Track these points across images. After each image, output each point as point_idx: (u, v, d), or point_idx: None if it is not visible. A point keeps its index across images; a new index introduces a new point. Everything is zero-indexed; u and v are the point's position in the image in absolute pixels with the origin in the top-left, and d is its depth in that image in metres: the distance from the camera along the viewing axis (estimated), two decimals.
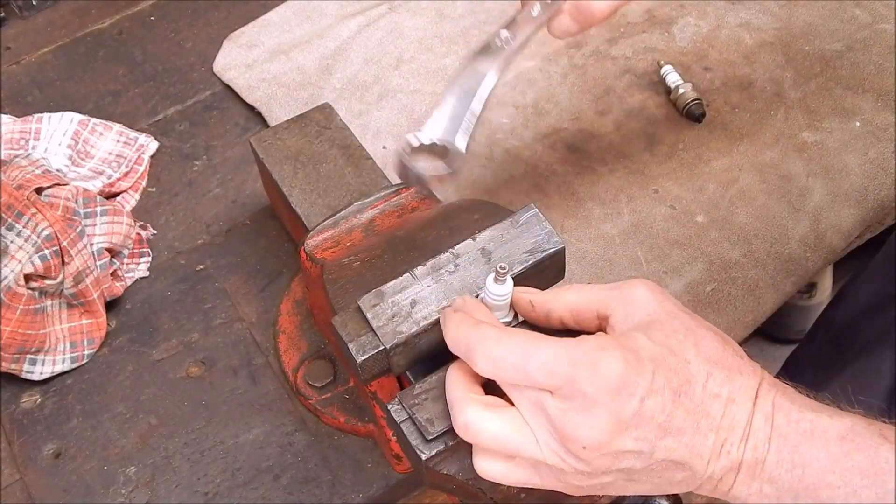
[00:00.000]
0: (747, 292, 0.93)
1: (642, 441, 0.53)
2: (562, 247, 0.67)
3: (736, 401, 0.54)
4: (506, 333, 0.56)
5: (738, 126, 1.05)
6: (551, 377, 0.53)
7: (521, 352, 0.54)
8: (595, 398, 0.52)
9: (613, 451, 0.53)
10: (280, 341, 0.90)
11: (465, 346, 0.57)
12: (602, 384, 0.52)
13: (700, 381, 0.54)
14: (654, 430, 0.53)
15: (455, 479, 0.61)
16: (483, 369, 0.56)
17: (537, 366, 0.53)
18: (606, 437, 0.52)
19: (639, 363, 0.53)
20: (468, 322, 0.58)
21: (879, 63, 1.09)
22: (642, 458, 0.54)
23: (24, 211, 0.85)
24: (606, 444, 0.53)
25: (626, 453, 0.53)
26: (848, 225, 0.97)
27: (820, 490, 0.54)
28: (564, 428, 0.53)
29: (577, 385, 0.52)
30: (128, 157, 1.03)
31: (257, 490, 0.83)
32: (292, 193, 0.86)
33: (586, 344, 0.54)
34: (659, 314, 0.57)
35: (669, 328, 0.56)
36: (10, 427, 0.87)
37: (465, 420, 0.56)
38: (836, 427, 0.54)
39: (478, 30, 1.14)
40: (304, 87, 1.10)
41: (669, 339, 0.55)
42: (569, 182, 1.01)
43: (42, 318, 0.87)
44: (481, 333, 0.56)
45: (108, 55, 1.15)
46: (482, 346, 0.55)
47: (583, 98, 1.08)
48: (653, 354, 0.54)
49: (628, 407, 0.52)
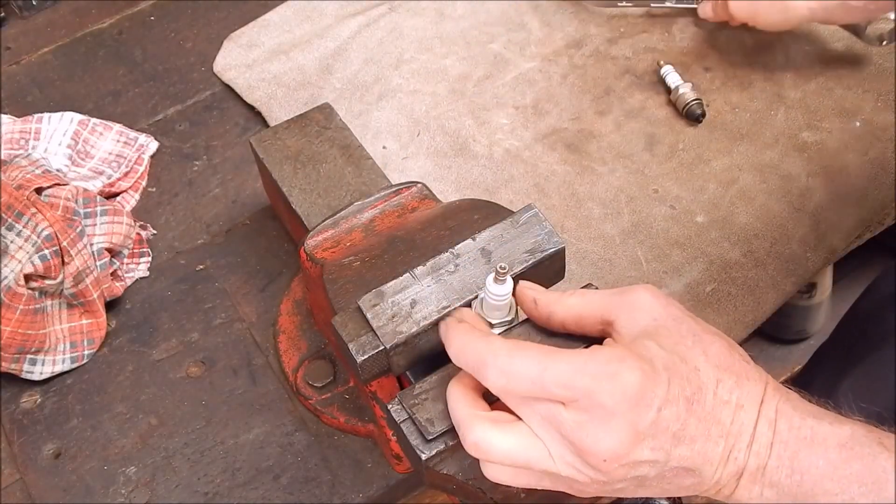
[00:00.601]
0: (747, 292, 0.93)
1: (658, 451, 0.53)
2: (562, 247, 0.67)
3: (744, 407, 0.55)
4: (518, 347, 0.55)
5: (738, 126, 1.05)
6: (569, 389, 0.53)
7: (538, 365, 0.53)
8: (614, 410, 0.52)
9: (631, 462, 0.53)
10: (280, 341, 0.90)
11: (473, 360, 0.56)
12: (621, 396, 0.52)
13: (710, 388, 0.54)
14: (669, 439, 0.53)
15: (455, 479, 0.61)
16: (495, 383, 0.55)
17: (554, 378, 0.53)
18: (625, 449, 0.52)
19: (655, 373, 0.53)
20: (475, 334, 0.57)
21: (879, 63, 1.09)
22: (657, 466, 0.54)
23: (24, 211, 0.85)
24: (625, 455, 0.53)
25: (642, 463, 0.53)
26: (848, 225, 0.97)
27: (818, 496, 0.54)
28: (583, 441, 0.53)
29: (595, 397, 0.52)
30: (128, 157, 1.03)
31: (257, 490, 0.83)
32: (292, 193, 0.86)
33: (602, 355, 0.54)
34: (665, 319, 0.57)
35: (677, 334, 0.56)
36: (10, 427, 0.87)
37: (474, 439, 0.55)
38: (836, 434, 0.54)
39: (478, 30, 1.15)
40: (304, 87, 1.10)
41: (679, 346, 0.55)
42: (569, 182, 1.01)
43: (42, 318, 0.87)
44: (492, 346, 0.55)
45: (108, 55, 1.15)
46: (495, 360, 0.55)
47: (583, 98, 1.08)
48: (666, 363, 0.54)
49: (646, 417, 0.52)
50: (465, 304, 0.64)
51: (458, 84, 1.10)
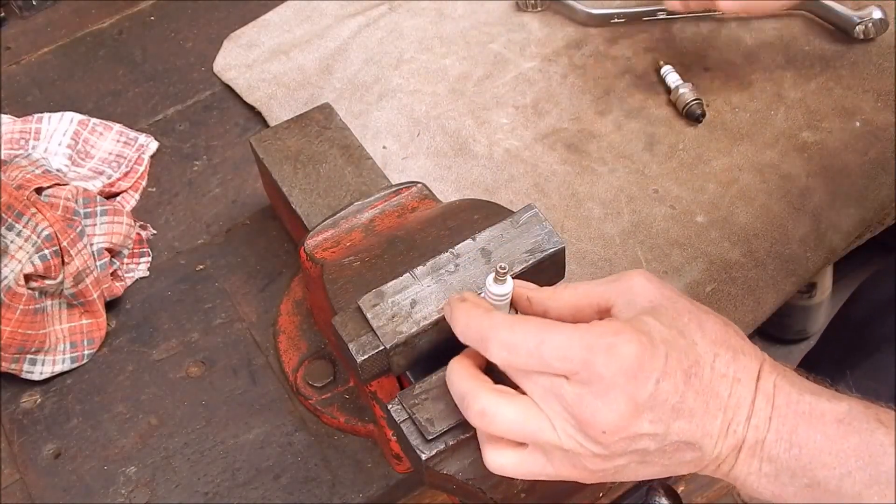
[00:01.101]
0: (747, 292, 0.93)
1: (657, 423, 0.54)
2: (562, 247, 0.67)
3: (741, 381, 0.55)
4: (519, 320, 0.56)
5: (738, 126, 1.05)
6: (567, 362, 0.53)
7: (535, 337, 0.54)
8: (612, 381, 0.53)
9: (631, 435, 0.54)
10: (280, 341, 0.90)
11: (477, 334, 0.57)
12: (618, 367, 0.53)
13: (708, 361, 0.55)
14: (668, 411, 0.54)
15: (455, 479, 0.61)
16: (497, 356, 0.56)
17: (552, 350, 0.54)
18: (624, 421, 0.53)
19: (652, 346, 0.54)
20: (479, 310, 0.58)
21: (879, 63, 1.09)
22: (657, 439, 0.54)
23: (24, 211, 0.85)
24: (624, 428, 0.53)
25: (642, 436, 0.54)
26: (848, 225, 0.97)
27: (815, 470, 0.55)
28: (582, 413, 0.53)
29: (593, 369, 0.53)
30: (128, 157, 1.03)
31: (257, 490, 0.83)
32: (292, 193, 0.86)
33: (600, 328, 0.54)
34: (660, 300, 0.57)
35: (674, 311, 0.56)
36: (10, 427, 0.87)
37: (480, 407, 0.56)
38: (834, 410, 0.55)
39: (478, 30, 1.14)
40: (304, 87, 1.10)
41: (676, 322, 0.56)
42: (569, 182, 1.01)
43: (42, 318, 0.87)
44: (494, 321, 0.56)
45: (108, 55, 1.15)
46: (496, 333, 0.55)
47: (583, 98, 1.08)
48: (664, 336, 0.54)
49: (644, 390, 0.53)
50: None
51: (458, 84, 1.10)
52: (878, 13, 1.08)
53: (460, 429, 0.60)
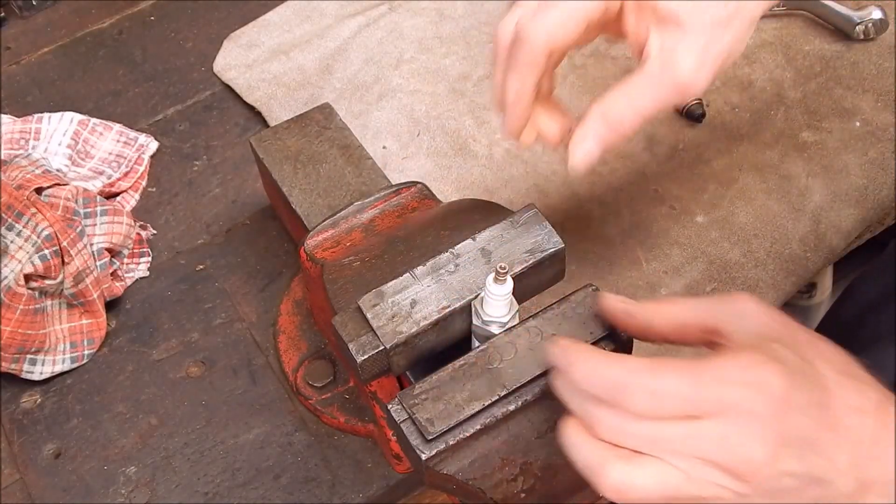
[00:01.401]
0: (747, 292, 0.93)
1: (800, 459, 0.51)
2: (562, 247, 0.67)
3: (868, 412, 0.53)
4: (657, 364, 0.52)
5: (738, 126, 1.05)
6: (719, 403, 0.50)
7: (689, 379, 0.51)
8: (762, 416, 0.50)
9: (776, 472, 0.51)
10: (280, 341, 0.90)
11: (612, 384, 0.52)
12: (769, 401, 0.50)
13: (836, 392, 0.53)
14: (806, 447, 0.51)
15: (455, 479, 0.61)
16: (640, 406, 0.51)
17: (707, 391, 0.50)
18: (772, 457, 0.50)
19: (792, 377, 0.51)
20: (604, 355, 0.54)
21: (879, 63, 1.09)
22: (796, 476, 0.51)
23: (24, 211, 0.85)
24: (772, 464, 0.50)
25: (785, 473, 0.51)
26: (848, 225, 0.97)
27: None
28: (729, 452, 0.50)
29: (744, 405, 0.50)
30: (128, 157, 1.04)
31: (257, 490, 0.83)
32: (292, 193, 0.86)
33: (739, 360, 0.52)
34: (775, 326, 0.55)
35: (793, 339, 0.54)
36: (10, 427, 0.87)
37: (613, 483, 0.52)
38: None
39: (478, 30, 1.14)
40: (304, 87, 1.10)
41: (799, 350, 0.53)
42: (569, 182, 1.01)
43: (42, 318, 0.87)
44: (629, 366, 0.52)
45: (108, 55, 1.15)
46: (637, 380, 0.52)
47: (583, 98, 1.08)
48: (797, 366, 0.52)
49: (790, 423, 0.50)
50: (465, 304, 0.65)
51: (458, 84, 1.10)
52: (878, 13, 1.08)
53: (460, 429, 0.60)
